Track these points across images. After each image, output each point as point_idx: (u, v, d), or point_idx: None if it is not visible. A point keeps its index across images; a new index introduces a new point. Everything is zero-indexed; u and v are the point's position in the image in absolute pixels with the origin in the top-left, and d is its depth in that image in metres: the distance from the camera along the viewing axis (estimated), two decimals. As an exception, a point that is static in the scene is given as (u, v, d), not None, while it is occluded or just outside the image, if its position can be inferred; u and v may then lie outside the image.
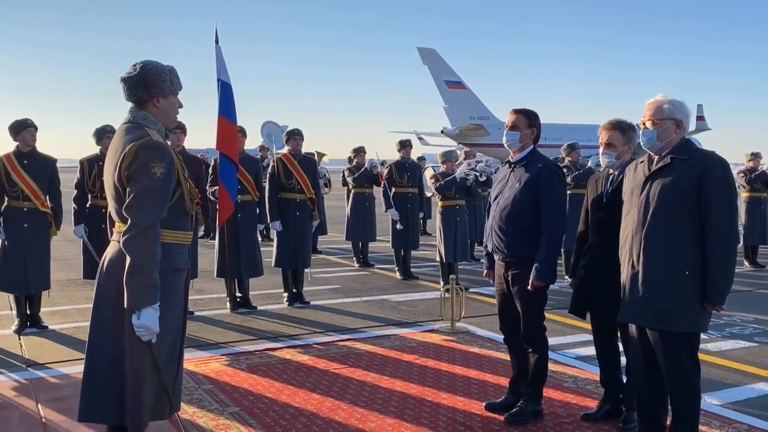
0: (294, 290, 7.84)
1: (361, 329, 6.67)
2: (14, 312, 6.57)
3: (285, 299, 7.79)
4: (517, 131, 4.27)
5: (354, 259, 10.84)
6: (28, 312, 6.51)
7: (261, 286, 8.15)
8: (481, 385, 4.98)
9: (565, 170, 8.56)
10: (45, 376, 5.20)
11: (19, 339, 6.19)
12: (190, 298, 3.43)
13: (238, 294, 7.50)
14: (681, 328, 3.41)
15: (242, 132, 7.42)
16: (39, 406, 4.53)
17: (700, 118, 46.62)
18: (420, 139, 49.85)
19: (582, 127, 41.24)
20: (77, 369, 2.58)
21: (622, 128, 4.14)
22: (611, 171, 4.17)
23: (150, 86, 3.11)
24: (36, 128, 6.39)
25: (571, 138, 11.43)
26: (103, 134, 6.50)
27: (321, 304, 7.80)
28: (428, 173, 9.37)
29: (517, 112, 4.30)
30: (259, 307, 7.49)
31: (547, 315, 4.42)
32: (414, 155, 11.06)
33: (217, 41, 6.71)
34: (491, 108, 48.73)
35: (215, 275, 7.54)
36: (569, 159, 9.48)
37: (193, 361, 5.47)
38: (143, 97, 3.12)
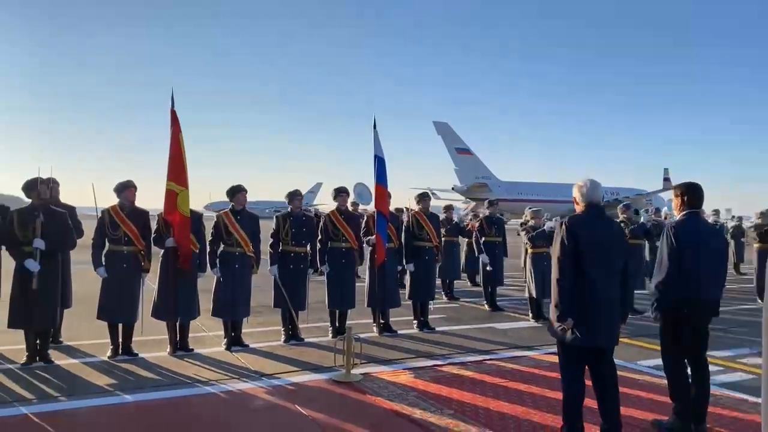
0: (422, 318, 8.23)
1: (494, 351, 6.93)
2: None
3: (415, 325, 8.16)
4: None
5: (442, 293, 11.19)
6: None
7: (397, 314, 8.38)
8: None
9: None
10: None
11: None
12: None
13: (381, 320, 7.88)
14: None
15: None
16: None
17: (666, 179, 47.58)
18: (433, 194, 50.62)
19: (557, 186, 43.56)
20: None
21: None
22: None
23: None
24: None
25: (548, 195, 11.87)
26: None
27: (443, 329, 8.13)
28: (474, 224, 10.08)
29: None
30: (399, 332, 7.84)
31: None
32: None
33: (375, 126, 7.27)
34: (493, 170, 50.40)
35: (366, 305, 7.97)
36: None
37: (385, 373, 5.82)
38: None
